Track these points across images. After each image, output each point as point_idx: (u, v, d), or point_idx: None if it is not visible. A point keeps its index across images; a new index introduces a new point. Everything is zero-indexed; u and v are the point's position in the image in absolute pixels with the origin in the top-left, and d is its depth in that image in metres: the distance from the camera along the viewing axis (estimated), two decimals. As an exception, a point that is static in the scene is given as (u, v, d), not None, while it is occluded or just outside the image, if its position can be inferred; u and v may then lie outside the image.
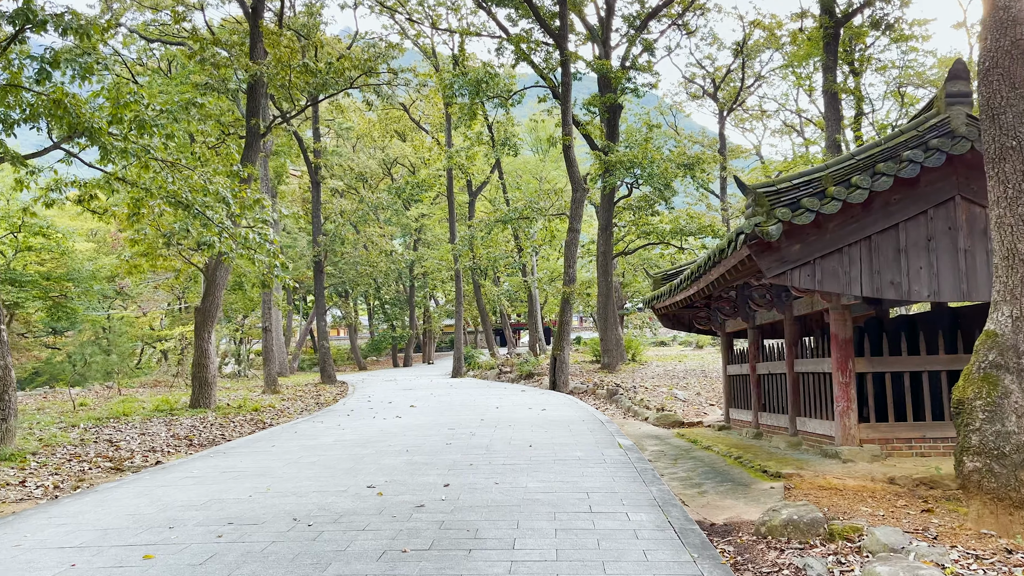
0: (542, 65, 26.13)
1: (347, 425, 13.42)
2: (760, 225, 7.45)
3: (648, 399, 17.14)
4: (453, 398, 19.55)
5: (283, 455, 9.71)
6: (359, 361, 52.16)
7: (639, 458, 8.92)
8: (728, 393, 12.67)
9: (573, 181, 23.04)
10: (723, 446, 10.22)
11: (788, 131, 48.65)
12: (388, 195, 40.82)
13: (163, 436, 13.12)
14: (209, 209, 12.53)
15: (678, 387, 20.98)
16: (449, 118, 35.03)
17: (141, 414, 16.96)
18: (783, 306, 9.76)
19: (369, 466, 8.53)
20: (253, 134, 18.00)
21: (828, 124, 22.13)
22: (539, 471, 7.96)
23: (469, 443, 10.27)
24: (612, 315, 27.35)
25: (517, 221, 25.51)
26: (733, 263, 8.32)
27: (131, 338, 45.66)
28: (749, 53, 39.35)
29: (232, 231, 12.33)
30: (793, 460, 8.39)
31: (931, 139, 7.61)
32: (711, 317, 12.81)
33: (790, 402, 9.68)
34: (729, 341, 12.84)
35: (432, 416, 14.67)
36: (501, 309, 48.37)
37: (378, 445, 10.34)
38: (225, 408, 18.02)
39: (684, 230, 28.59)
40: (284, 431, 12.88)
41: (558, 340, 22.29)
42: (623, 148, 25.60)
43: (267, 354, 23.88)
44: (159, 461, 10.06)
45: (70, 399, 19.33)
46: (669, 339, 58.03)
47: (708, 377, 23.73)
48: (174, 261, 18.14)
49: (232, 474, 8.30)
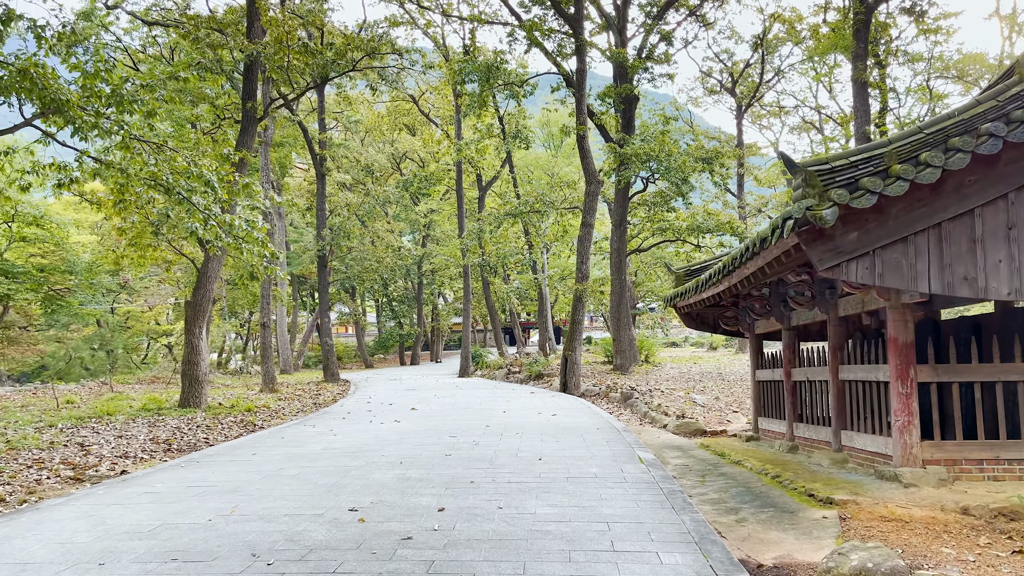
0: (555, 53, 25.01)
1: (340, 430, 12.38)
2: (812, 209, 6.35)
3: (666, 404, 16.02)
4: (458, 400, 18.49)
5: (262, 465, 8.67)
6: (366, 359, 51.19)
7: (664, 476, 7.83)
8: (757, 400, 11.55)
9: (587, 173, 21.92)
10: (755, 461, 9.12)
11: (807, 128, 47.34)
12: (395, 189, 39.81)
13: (141, 439, 12.12)
14: (193, 194, 11.53)
15: (696, 391, 19.86)
16: (459, 110, 33.96)
17: (126, 413, 15.99)
18: (826, 305, 8.64)
19: (355, 482, 7.48)
20: (249, 118, 16.98)
21: (857, 115, 20.94)
22: (550, 492, 6.88)
23: (471, 454, 9.20)
24: (625, 314, 26.23)
25: (528, 215, 24.39)
26: (776, 254, 7.23)
27: (136, 333, 44.88)
28: (769, 47, 38.11)
29: (219, 217, 11.32)
30: (843, 482, 7.27)
31: (1014, 110, 6.48)
32: (739, 317, 11.70)
33: (833, 413, 8.56)
34: (758, 344, 11.72)
35: (434, 421, 13.61)
36: (510, 307, 47.29)
37: (370, 455, 9.28)
38: (216, 408, 17.03)
39: (701, 227, 27.41)
40: (272, 436, 11.85)
41: (569, 340, 21.20)
42: (639, 141, 24.47)
43: (265, 351, 22.88)
44: (125, 471, 9.04)
45: (54, 396, 18.36)
46: (680, 340, 56.85)
47: (726, 381, 22.60)
48: (165, 252, 17.14)
49: (198, 490, 7.27)
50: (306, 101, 37.53)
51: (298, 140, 36.15)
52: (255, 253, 12.17)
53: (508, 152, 34.82)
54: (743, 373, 25.09)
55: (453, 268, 45.32)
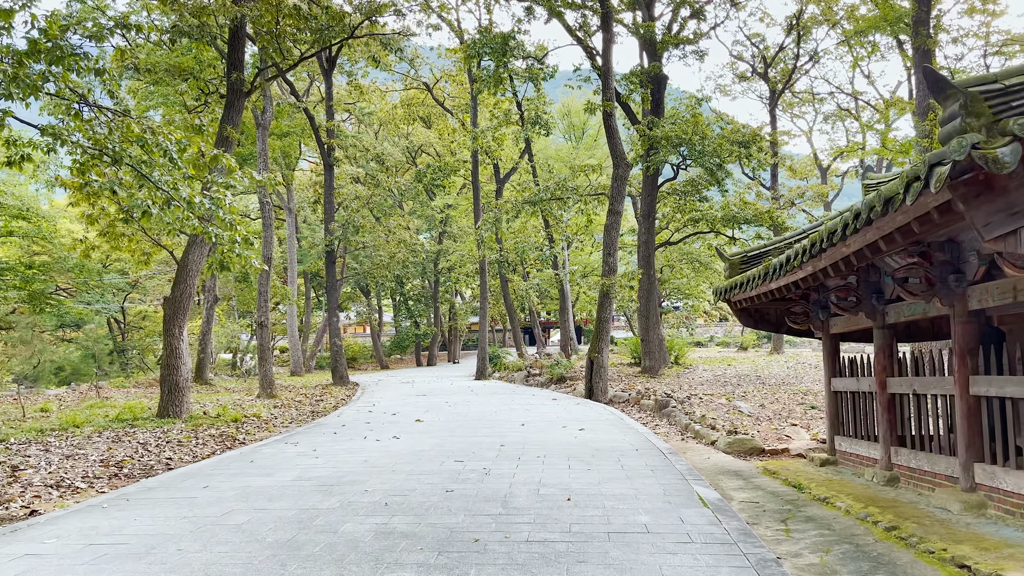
0: (577, 28, 22.87)
1: (325, 450, 10.36)
2: (980, 147, 4.23)
3: (710, 416, 13.87)
4: (471, 409, 16.42)
5: (206, 508, 6.66)
6: (381, 360, 49.29)
7: (741, 530, 5.71)
8: (834, 415, 9.38)
9: (614, 155, 19.78)
10: (848, 499, 6.99)
11: (842, 115, 44.82)
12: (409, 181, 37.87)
13: (93, 459, 10.21)
14: (152, 168, 9.59)
15: (737, 397, 17.71)
16: (475, 98, 31.94)
17: (95, 425, 14.11)
18: (949, 295, 6.48)
19: (317, 539, 5.45)
20: (235, 91, 15.03)
21: (920, 88, 18.64)
22: (587, 562, 4.81)
23: (480, 491, 7.14)
24: (654, 312, 24.06)
25: (549, 203, 22.24)
26: (904, 221, 5.11)
27: (149, 333, 43.40)
28: (805, 27, 35.74)
29: (176, 192, 9.36)
30: (1004, 544, 5.14)
31: None
32: (810, 313, 9.56)
33: (962, 440, 6.40)
34: (835, 346, 9.54)
35: (439, 436, 11.56)
36: (530, 305, 45.16)
37: (349, 491, 7.25)
38: (199, 418, 15.11)
39: (737, 217, 25.18)
40: (241, 458, 9.85)
41: (595, 341, 19.07)
42: (668, 125, 22.30)
43: (263, 353, 20.94)
44: (35, 511, 7.07)
45: (20, 405, 16.53)
46: (706, 339, 54.41)
47: (767, 385, 20.45)
48: (144, 243, 15.24)
49: (98, 552, 5.27)
50: (316, 92, 35.70)
51: (306, 131, 34.30)
52: (225, 238, 10.22)
53: (527, 140, 32.69)
54: (784, 376, 22.85)
55: (470, 265, 43.33)
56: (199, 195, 9.49)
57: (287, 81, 27.28)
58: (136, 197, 9.27)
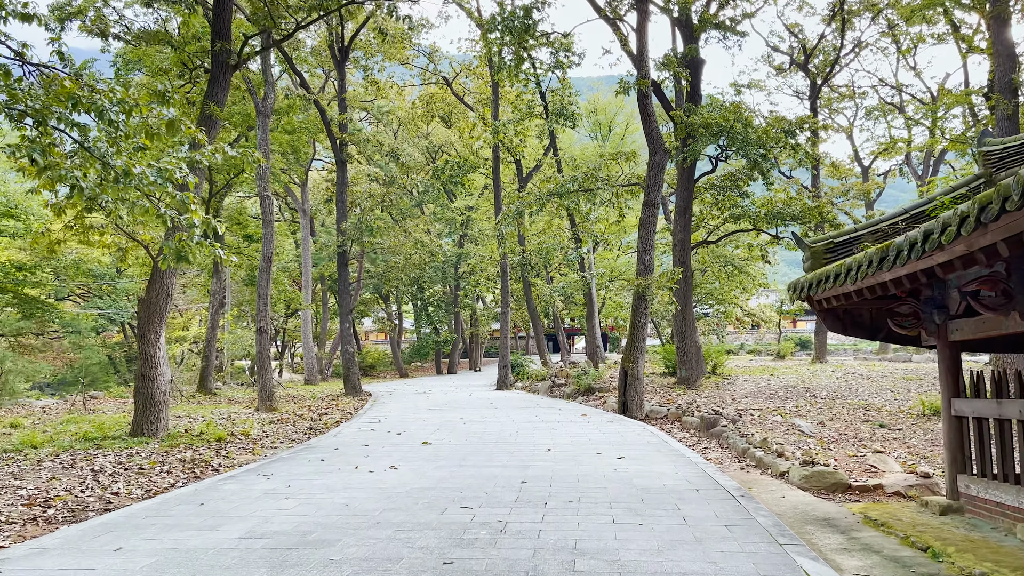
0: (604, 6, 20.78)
1: (300, 486, 8.31)
2: None
3: (771, 438, 11.68)
4: (488, 427, 14.33)
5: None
6: (400, 367, 47.38)
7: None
8: (957, 448, 7.19)
9: (651, 140, 17.66)
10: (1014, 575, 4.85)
11: (885, 110, 42.22)
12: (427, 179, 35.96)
13: (21, 493, 8.30)
14: (77, 128, 7.71)
15: (790, 413, 15.49)
16: (496, 88, 29.99)
17: (57, 445, 12.25)
18: None
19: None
20: (220, 64, 13.17)
21: (999, 61, 16.36)
22: None
23: (490, 563, 5.06)
24: (691, 318, 21.90)
25: (576, 195, 20.12)
26: None
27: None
28: (850, 12, 33.39)
29: (110, 162, 7.45)
30: None
31: None
32: (921, 314, 7.39)
33: None
34: (954, 357, 7.35)
35: (446, 467, 9.50)
36: (554, 311, 42.97)
37: (308, 562, 5.20)
38: (178, 436, 13.19)
39: (783, 213, 22.90)
40: (192, 497, 7.84)
41: (630, 349, 16.93)
42: (707, 111, 20.15)
43: (262, 361, 19.01)
44: None
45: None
46: (736, 347, 51.78)
47: (818, 398, 18.17)
48: (118, 237, 13.39)
49: None
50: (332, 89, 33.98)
51: (319, 128, 32.53)
52: (181, 221, 8.28)
53: (552, 134, 30.66)
54: (835, 388, 20.50)
55: (491, 268, 41.33)
56: (141, 164, 7.57)
57: (295, 70, 25.46)
58: (61, 167, 7.41)
